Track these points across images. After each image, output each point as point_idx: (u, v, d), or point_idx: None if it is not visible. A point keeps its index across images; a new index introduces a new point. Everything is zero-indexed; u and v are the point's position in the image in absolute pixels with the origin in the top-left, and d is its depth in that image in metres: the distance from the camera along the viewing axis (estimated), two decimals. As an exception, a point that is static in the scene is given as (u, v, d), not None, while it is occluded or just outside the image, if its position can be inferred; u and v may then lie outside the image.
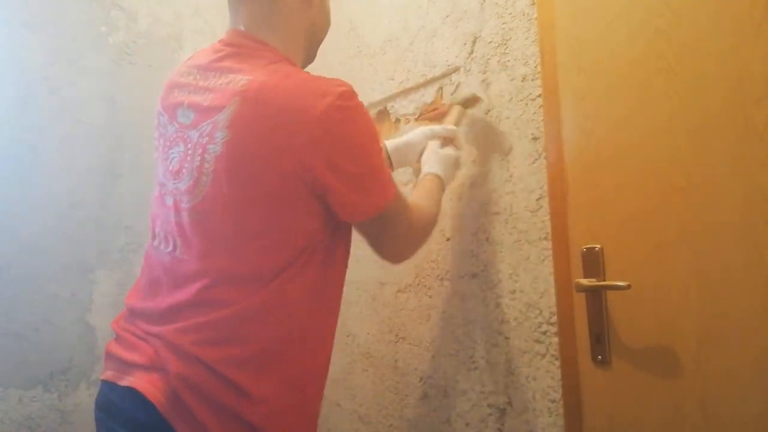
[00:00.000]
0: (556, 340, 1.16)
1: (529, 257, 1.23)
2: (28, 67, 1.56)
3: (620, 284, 1.02)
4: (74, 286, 1.58)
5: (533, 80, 1.24)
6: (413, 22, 1.59)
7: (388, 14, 1.69)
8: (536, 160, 1.23)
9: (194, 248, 0.91)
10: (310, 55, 1.09)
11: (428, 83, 1.53)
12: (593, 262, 1.08)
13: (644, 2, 1.03)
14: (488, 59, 1.35)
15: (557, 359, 1.15)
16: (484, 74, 1.36)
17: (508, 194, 1.28)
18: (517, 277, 1.25)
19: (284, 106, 0.86)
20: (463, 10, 1.43)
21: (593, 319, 1.07)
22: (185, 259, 0.92)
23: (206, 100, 0.92)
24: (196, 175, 0.90)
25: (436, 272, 1.47)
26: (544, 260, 1.19)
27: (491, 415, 1.29)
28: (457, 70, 1.44)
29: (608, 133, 1.08)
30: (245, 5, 1.00)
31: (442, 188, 1.21)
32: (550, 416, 1.16)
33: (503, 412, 1.26)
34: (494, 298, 1.30)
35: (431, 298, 1.48)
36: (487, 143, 1.35)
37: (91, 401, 1.52)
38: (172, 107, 0.98)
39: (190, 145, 0.92)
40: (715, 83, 0.93)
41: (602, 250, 1.07)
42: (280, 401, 0.90)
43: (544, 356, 1.18)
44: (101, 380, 0.94)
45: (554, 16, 1.18)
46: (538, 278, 1.20)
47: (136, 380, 0.86)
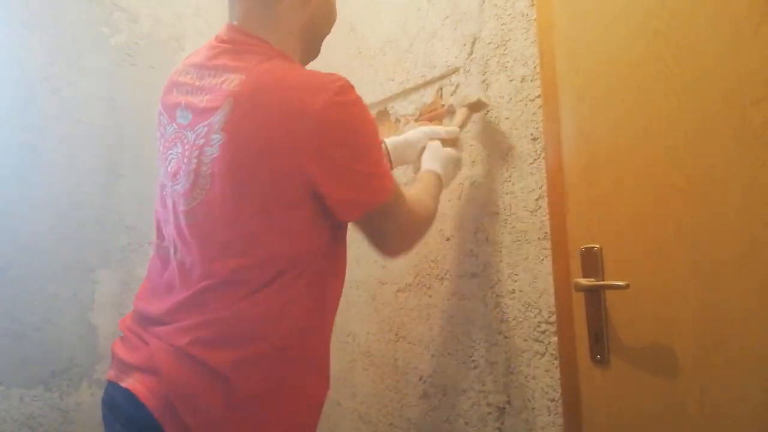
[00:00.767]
0: (555, 339, 1.16)
1: (528, 257, 1.23)
2: (28, 67, 1.56)
3: (619, 284, 1.03)
4: (75, 285, 1.59)
5: (532, 81, 1.24)
6: (413, 23, 1.59)
7: (387, 15, 1.70)
8: (535, 160, 1.23)
9: (193, 251, 0.91)
10: (311, 49, 1.07)
11: (428, 84, 1.54)
12: (592, 261, 1.08)
13: (643, 4, 1.03)
14: (488, 60, 1.36)
15: (556, 358, 1.16)
16: (483, 75, 1.37)
17: (507, 194, 1.29)
18: (516, 276, 1.26)
19: (280, 105, 0.85)
20: (462, 11, 1.43)
21: (592, 318, 1.08)
22: (186, 260, 0.92)
23: (202, 101, 0.92)
24: (192, 177, 0.90)
25: (435, 272, 1.48)
26: (543, 260, 1.20)
27: (491, 414, 1.29)
28: (456, 71, 1.45)
29: (607, 133, 1.09)
30: (241, 0, 0.99)
31: (440, 186, 1.20)
32: (549, 415, 1.17)
33: (502, 411, 1.27)
34: (494, 297, 1.31)
35: (431, 297, 1.48)
36: (486, 143, 1.35)
37: (92, 400, 1.53)
38: (171, 107, 0.98)
39: (187, 146, 0.92)
40: (713, 84, 0.93)
41: (601, 249, 1.08)
42: (274, 401, 0.90)
43: (543, 355, 1.19)
44: (107, 379, 0.95)
45: (553, 17, 1.19)
46: (537, 278, 1.21)
47: (133, 382, 0.87)
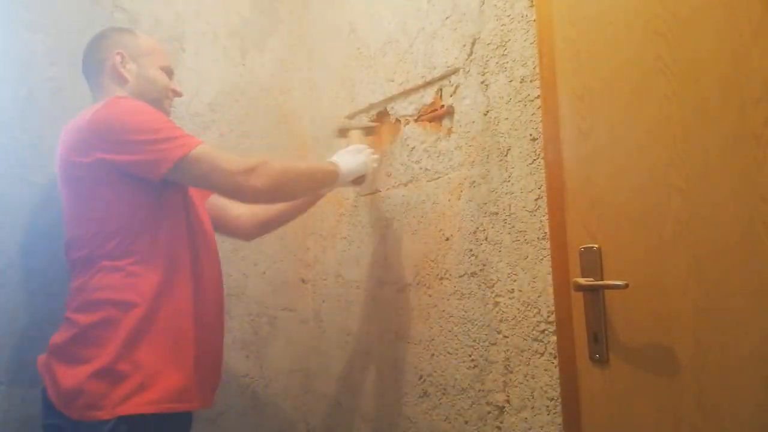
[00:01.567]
0: (554, 338, 1.17)
1: (527, 257, 1.24)
2: (29, 67, 1.56)
3: (618, 283, 1.03)
4: (76, 285, 1.59)
5: (532, 81, 1.25)
6: (413, 23, 1.60)
7: (387, 16, 1.70)
8: (535, 160, 1.24)
9: None
10: None
11: (428, 84, 1.54)
12: (591, 261, 1.09)
13: (642, 4, 1.04)
14: (487, 61, 1.36)
15: (555, 358, 1.16)
16: (483, 75, 1.37)
17: (506, 194, 1.29)
18: (515, 276, 1.26)
19: (68, 130, 1.26)
20: (462, 12, 1.44)
21: (591, 317, 1.08)
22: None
23: None
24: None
25: (435, 271, 1.48)
26: (542, 259, 1.20)
27: (490, 413, 1.30)
28: (456, 71, 1.45)
29: (606, 133, 1.09)
30: (92, 90, 1.36)
31: (329, 170, 1.44)
32: (548, 414, 1.17)
33: (502, 410, 1.27)
34: (493, 297, 1.31)
35: (431, 297, 1.49)
36: (486, 143, 1.36)
37: (92, 400, 1.53)
38: None
39: None
40: (712, 84, 0.94)
41: (600, 249, 1.08)
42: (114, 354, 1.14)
43: (542, 355, 1.19)
44: None
45: (552, 17, 1.19)
46: (536, 277, 1.22)
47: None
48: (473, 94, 1.40)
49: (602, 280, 1.07)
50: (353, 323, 1.77)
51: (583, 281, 1.08)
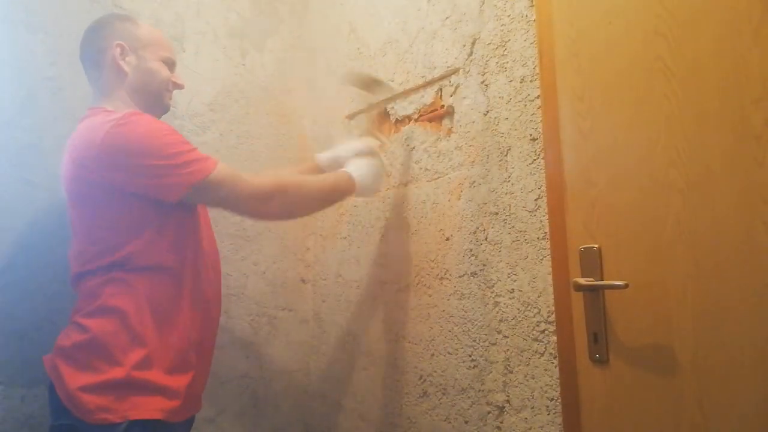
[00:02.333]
0: (554, 338, 1.17)
1: (527, 256, 1.24)
2: (29, 67, 1.56)
3: (618, 283, 1.03)
4: (76, 285, 1.59)
5: (532, 81, 1.25)
6: (413, 23, 1.60)
7: (387, 16, 1.70)
8: (534, 160, 1.24)
9: None
10: (151, 105, 1.33)
11: (428, 84, 1.54)
12: (591, 261, 1.09)
13: (642, 4, 1.04)
14: (487, 61, 1.36)
15: (555, 358, 1.16)
16: (483, 76, 1.37)
17: (506, 194, 1.30)
18: (515, 276, 1.26)
19: (77, 145, 1.20)
20: (462, 12, 1.44)
21: (591, 318, 1.08)
22: None
23: None
24: None
25: (435, 271, 1.48)
26: (542, 259, 1.20)
27: (490, 413, 1.30)
28: (456, 71, 1.45)
29: (606, 133, 1.09)
30: (92, 87, 1.32)
31: (344, 181, 1.42)
32: (548, 414, 1.17)
33: (502, 410, 1.27)
34: (493, 297, 1.31)
35: (431, 297, 1.49)
36: (486, 143, 1.36)
37: (92, 400, 1.53)
38: None
39: None
40: (712, 84, 0.94)
41: (600, 249, 1.08)
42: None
43: (542, 355, 1.19)
44: None
45: (552, 17, 1.19)
46: (536, 277, 1.22)
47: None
48: (473, 94, 1.40)
49: (602, 280, 1.07)
50: (353, 323, 1.77)
51: (583, 281, 1.08)
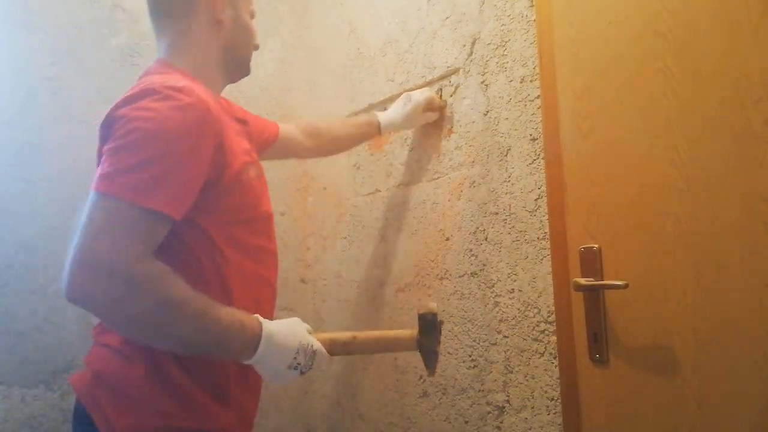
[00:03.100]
0: (554, 338, 1.17)
1: (527, 256, 1.24)
2: (29, 67, 1.56)
3: (618, 283, 1.03)
4: (76, 285, 1.58)
5: (532, 81, 1.25)
6: (413, 23, 1.60)
7: (387, 16, 1.70)
8: (534, 160, 1.24)
9: None
10: (236, 69, 1.13)
11: (428, 84, 1.54)
12: (591, 261, 1.09)
13: (642, 4, 1.04)
14: (487, 61, 1.36)
15: (555, 358, 1.16)
16: (483, 76, 1.37)
17: (506, 194, 1.30)
18: (515, 276, 1.26)
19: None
20: (462, 12, 1.44)
21: (591, 318, 1.08)
22: None
23: None
24: None
25: (435, 271, 1.48)
26: (542, 259, 1.20)
27: (490, 413, 1.30)
28: (456, 71, 1.45)
29: (606, 133, 1.09)
30: (162, 35, 1.07)
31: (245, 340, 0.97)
32: (548, 414, 1.17)
33: (502, 410, 1.27)
34: (493, 297, 1.31)
35: (430, 297, 1.49)
36: (486, 143, 1.36)
37: (92, 400, 1.53)
38: None
39: None
40: (713, 84, 0.94)
41: (600, 249, 1.08)
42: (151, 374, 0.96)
43: (542, 355, 1.19)
44: None
45: (552, 18, 1.19)
46: (536, 277, 1.22)
47: (75, 377, 1.00)
48: (473, 94, 1.40)
49: (602, 280, 1.07)
50: (353, 323, 1.77)
51: (583, 281, 1.08)
